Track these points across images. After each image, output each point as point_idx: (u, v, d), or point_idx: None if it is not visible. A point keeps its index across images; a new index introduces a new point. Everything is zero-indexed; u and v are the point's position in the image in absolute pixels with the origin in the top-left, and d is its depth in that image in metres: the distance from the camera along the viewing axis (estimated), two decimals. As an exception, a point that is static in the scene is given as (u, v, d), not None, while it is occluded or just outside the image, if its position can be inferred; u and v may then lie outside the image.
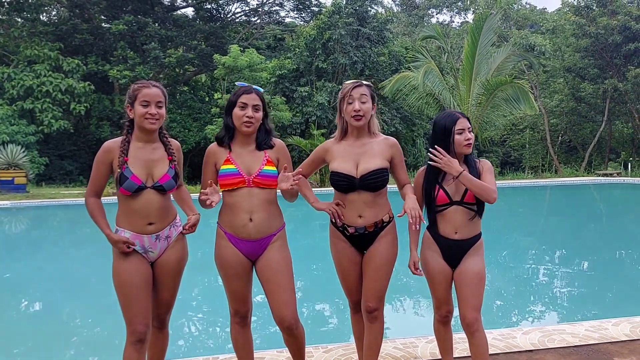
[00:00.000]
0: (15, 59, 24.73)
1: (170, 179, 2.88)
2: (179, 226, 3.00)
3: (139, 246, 2.85)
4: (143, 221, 2.83)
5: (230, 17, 33.10)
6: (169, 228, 2.93)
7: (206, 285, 7.37)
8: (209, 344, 5.37)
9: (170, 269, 2.94)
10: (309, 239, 11.04)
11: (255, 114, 2.91)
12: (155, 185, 2.84)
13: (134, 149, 2.85)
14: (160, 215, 2.87)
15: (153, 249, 2.88)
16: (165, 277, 2.93)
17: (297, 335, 2.95)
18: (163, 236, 2.90)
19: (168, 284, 2.95)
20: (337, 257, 3.15)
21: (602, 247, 9.97)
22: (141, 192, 2.81)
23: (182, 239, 3.01)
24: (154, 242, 2.87)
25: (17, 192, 19.08)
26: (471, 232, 2.99)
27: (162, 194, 2.87)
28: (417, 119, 26.13)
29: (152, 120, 2.82)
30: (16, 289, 7.42)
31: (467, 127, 2.98)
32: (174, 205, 3.02)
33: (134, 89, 2.87)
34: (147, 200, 2.82)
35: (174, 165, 2.92)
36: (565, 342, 3.83)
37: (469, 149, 2.99)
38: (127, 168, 2.78)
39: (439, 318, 3.14)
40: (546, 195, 20.95)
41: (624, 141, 30.54)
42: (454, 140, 2.97)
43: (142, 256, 2.86)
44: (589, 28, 25.91)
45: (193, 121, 26.21)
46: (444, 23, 42.90)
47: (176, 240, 2.97)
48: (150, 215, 2.84)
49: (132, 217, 2.83)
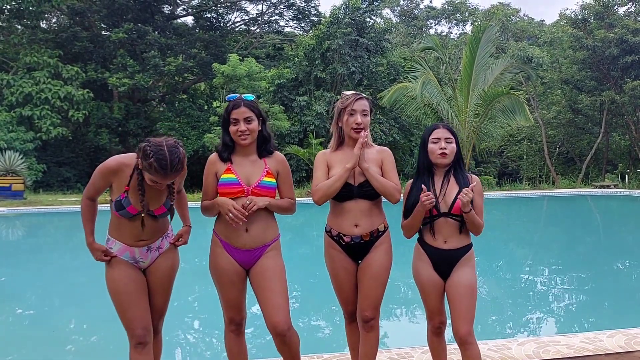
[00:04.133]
0: (15, 65, 24.79)
1: (165, 211, 2.89)
2: (171, 236, 3.01)
3: (129, 257, 2.86)
4: (134, 237, 2.85)
5: (229, 26, 33.25)
6: (160, 240, 2.94)
7: (201, 293, 7.35)
8: (204, 354, 5.36)
9: (160, 277, 2.94)
10: (305, 249, 11.03)
11: (248, 126, 2.93)
12: (149, 212, 2.84)
13: (137, 178, 2.76)
14: (151, 232, 2.88)
15: (144, 259, 2.90)
16: (156, 284, 2.94)
17: (291, 342, 2.93)
18: (154, 247, 2.92)
19: (159, 291, 2.96)
20: (332, 267, 3.15)
21: (598, 259, 9.98)
22: (135, 216, 2.81)
23: (174, 247, 3.03)
24: (145, 252, 2.89)
25: (15, 199, 19.05)
26: (461, 242, 3.00)
27: (155, 219, 2.88)
28: (415, 129, 26.20)
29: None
30: (12, 296, 7.39)
31: (443, 137, 2.99)
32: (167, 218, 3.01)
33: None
34: (139, 223, 2.82)
35: (171, 197, 2.89)
36: (560, 354, 3.83)
37: (442, 158, 2.99)
38: (126, 197, 2.76)
39: (432, 329, 3.14)
40: (543, 206, 20.98)
41: (621, 153, 30.65)
42: (428, 149, 3.01)
43: (130, 264, 2.88)
44: (587, 40, 26.08)
45: (191, 129, 26.25)
46: (442, 34, 43.10)
47: (168, 250, 2.98)
48: (142, 234, 2.86)
49: (123, 232, 2.85)
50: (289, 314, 2.93)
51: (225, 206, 2.85)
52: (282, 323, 2.87)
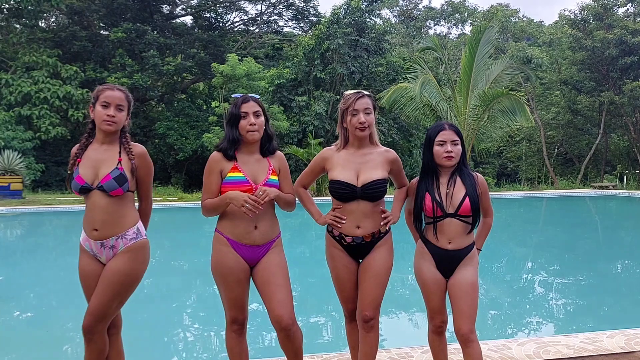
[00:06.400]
0: (14, 65, 24.77)
1: (111, 179, 2.79)
2: (129, 240, 2.87)
3: (89, 248, 2.87)
4: (89, 225, 2.85)
5: (228, 26, 33.25)
6: (115, 238, 2.84)
7: (200, 294, 7.34)
8: (202, 354, 5.35)
9: (105, 276, 2.83)
10: (304, 249, 11.02)
11: (257, 120, 2.94)
12: (98, 186, 2.81)
13: (90, 150, 2.88)
14: (103, 220, 2.81)
15: (99, 254, 2.87)
16: (100, 282, 2.84)
17: (294, 337, 2.91)
18: (108, 245, 2.84)
19: (98, 289, 2.83)
20: (333, 266, 3.15)
21: (598, 259, 9.98)
22: (88, 193, 2.82)
23: (132, 252, 2.86)
24: (100, 248, 2.85)
25: (13, 198, 19.04)
26: (465, 243, 2.99)
27: (107, 196, 2.81)
28: (414, 129, 26.21)
29: (109, 122, 2.81)
30: (10, 295, 7.38)
31: (449, 140, 2.96)
32: (133, 217, 2.92)
33: (98, 90, 2.87)
34: (92, 203, 2.82)
35: (122, 168, 2.84)
36: (560, 354, 3.82)
37: (448, 161, 2.97)
38: (77, 169, 2.82)
39: (433, 328, 3.14)
40: (542, 207, 20.99)
41: (619, 154, 30.71)
42: (434, 151, 2.99)
43: (92, 256, 2.89)
44: (586, 41, 26.12)
45: (190, 129, 26.22)
46: (442, 35, 43.13)
47: (124, 252, 2.84)
48: (95, 220, 2.82)
49: (85, 219, 2.87)
50: (293, 309, 2.93)
51: (240, 198, 2.84)
52: (287, 317, 2.86)
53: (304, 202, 3.26)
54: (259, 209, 2.85)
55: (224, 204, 2.91)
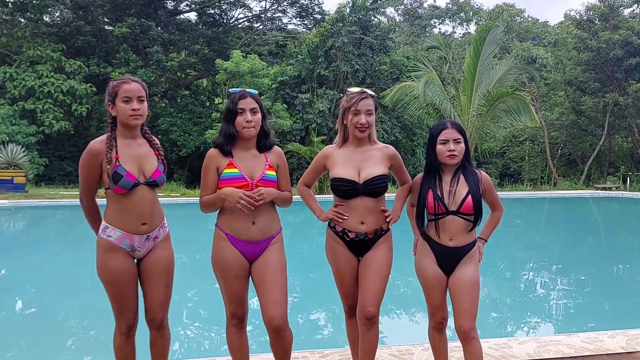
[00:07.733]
0: (18, 59, 24.80)
1: (162, 174, 2.90)
2: (166, 227, 3.01)
3: (127, 245, 2.83)
4: (137, 221, 2.82)
5: (233, 23, 33.22)
6: (158, 229, 2.94)
7: (202, 288, 7.35)
8: (204, 348, 5.36)
9: (161, 269, 2.93)
10: (306, 245, 11.03)
11: (253, 116, 2.93)
12: (148, 181, 2.84)
13: (122, 146, 2.83)
14: (152, 214, 2.87)
15: (141, 248, 2.88)
16: (157, 276, 2.92)
17: (284, 338, 2.94)
18: (152, 236, 2.90)
19: (160, 283, 2.93)
20: (334, 261, 3.16)
21: (600, 260, 9.97)
22: (135, 189, 2.80)
23: (168, 239, 3.02)
24: (144, 242, 2.87)
25: (16, 192, 19.07)
26: (466, 240, 2.99)
27: (153, 190, 2.89)
28: (417, 128, 26.15)
29: (136, 115, 2.80)
30: (13, 288, 7.41)
31: (452, 138, 2.95)
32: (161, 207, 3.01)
33: (113, 85, 2.82)
34: (140, 198, 2.82)
35: (162, 160, 2.94)
36: (561, 353, 3.82)
37: (451, 160, 2.96)
38: (120, 166, 2.77)
39: (434, 325, 3.14)
40: (544, 208, 20.96)
41: (623, 155, 30.61)
42: (436, 150, 2.99)
43: (127, 253, 2.85)
44: (591, 42, 26.04)
45: (193, 125, 26.22)
46: (446, 34, 43.02)
47: (163, 240, 2.97)
48: (144, 213, 2.84)
49: (126, 216, 2.81)
50: (286, 309, 2.94)
51: (234, 195, 2.85)
52: (278, 317, 2.87)
53: (306, 200, 3.28)
54: (255, 205, 2.85)
55: (220, 200, 2.93)
